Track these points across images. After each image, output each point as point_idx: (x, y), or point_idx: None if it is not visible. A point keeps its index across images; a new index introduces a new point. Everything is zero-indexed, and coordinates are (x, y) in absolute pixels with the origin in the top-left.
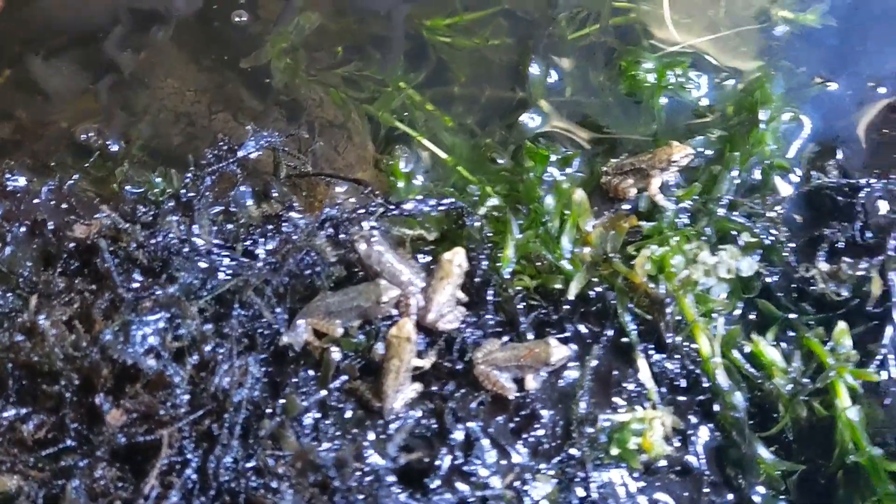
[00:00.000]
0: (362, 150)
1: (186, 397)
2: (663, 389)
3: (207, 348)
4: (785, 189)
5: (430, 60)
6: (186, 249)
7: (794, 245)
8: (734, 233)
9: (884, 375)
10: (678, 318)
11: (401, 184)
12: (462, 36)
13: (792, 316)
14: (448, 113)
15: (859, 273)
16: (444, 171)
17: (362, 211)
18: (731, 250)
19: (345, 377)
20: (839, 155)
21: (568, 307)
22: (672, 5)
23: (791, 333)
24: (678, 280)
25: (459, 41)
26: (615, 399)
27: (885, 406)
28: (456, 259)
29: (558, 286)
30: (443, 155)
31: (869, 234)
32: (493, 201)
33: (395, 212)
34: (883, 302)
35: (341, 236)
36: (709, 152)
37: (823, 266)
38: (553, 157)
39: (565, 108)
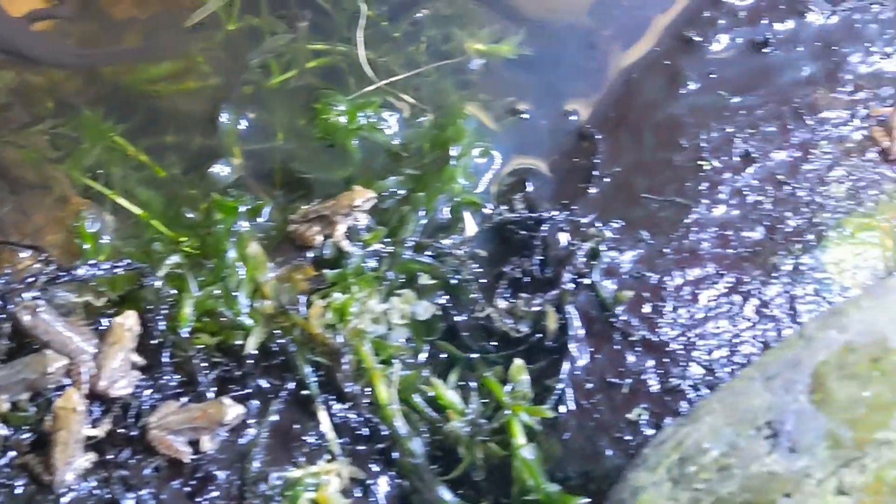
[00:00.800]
0: (59, 212)
1: None
2: (345, 440)
3: None
4: (472, 226)
5: (140, 111)
6: None
7: (484, 282)
8: (421, 274)
9: (562, 410)
10: (358, 366)
11: (87, 245)
12: (167, 83)
13: (475, 355)
14: (161, 163)
15: (536, 308)
16: (137, 227)
17: (31, 279)
18: (406, 295)
19: (14, 453)
20: (529, 187)
21: (251, 362)
22: (370, 44)
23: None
24: (349, 329)
25: (165, 88)
26: (296, 454)
27: (564, 440)
28: (127, 322)
29: (240, 342)
30: (137, 210)
31: (549, 268)
32: (175, 258)
33: (65, 278)
34: (561, 336)
35: (9, 307)
36: (402, 192)
37: (501, 303)
38: (243, 208)
39: (259, 155)
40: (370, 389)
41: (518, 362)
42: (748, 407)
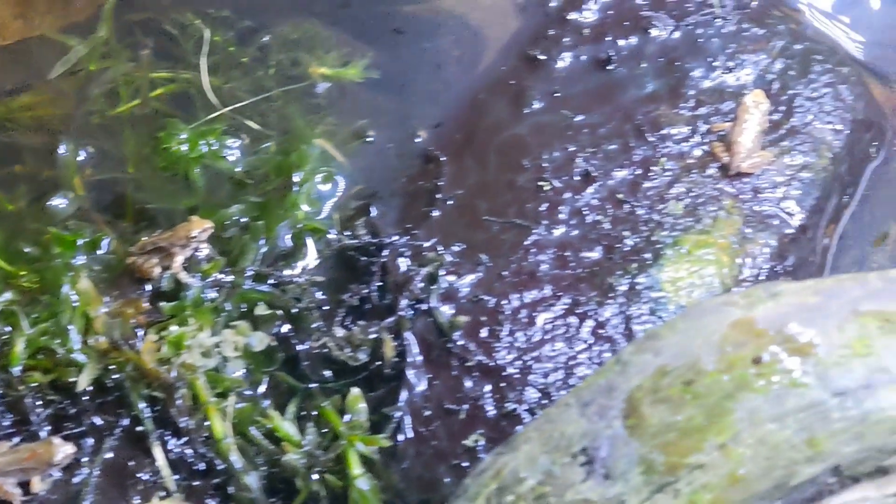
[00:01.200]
0: None
1: None
2: (181, 476)
3: None
4: (315, 253)
5: None
6: None
7: (327, 309)
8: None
9: (400, 438)
10: (194, 400)
11: None
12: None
13: (315, 385)
14: (9, 195)
15: (373, 336)
16: None
17: None
18: (240, 327)
19: None
20: (373, 212)
21: (86, 399)
22: (217, 70)
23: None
24: (179, 363)
25: (16, 118)
26: (130, 492)
27: (402, 469)
28: None
29: (74, 379)
30: None
31: (388, 295)
32: (7, 295)
33: None
34: (399, 363)
35: None
36: (246, 220)
37: (339, 332)
38: (81, 241)
39: (105, 186)
40: (207, 423)
41: (355, 392)
42: (564, 434)
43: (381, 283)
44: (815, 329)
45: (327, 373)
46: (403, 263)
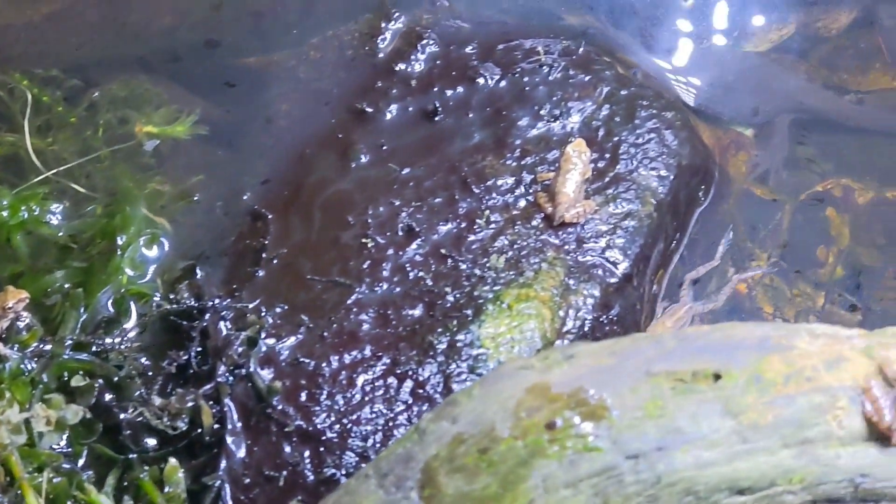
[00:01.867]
0: None
1: None
2: None
3: None
4: (138, 319)
5: None
6: None
7: (150, 376)
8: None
9: None
10: (10, 477)
11: None
12: None
13: (134, 455)
14: None
15: (191, 404)
16: None
17: None
18: (53, 400)
19: None
20: (199, 274)
21: None
22: (44, 131)
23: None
24: None
25: None
26: None
27: None
28: None
29: None
30: None
31: (208, 360)
32: None
33: None
34: (219, 430)
35: None
36: (69, 286)
37: (157, 400)
38: None
39: None
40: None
41: (172, 462)
42: None
43: (200, 349)
44: (609, 392)
45: (151, 441)
46: (224, 327)
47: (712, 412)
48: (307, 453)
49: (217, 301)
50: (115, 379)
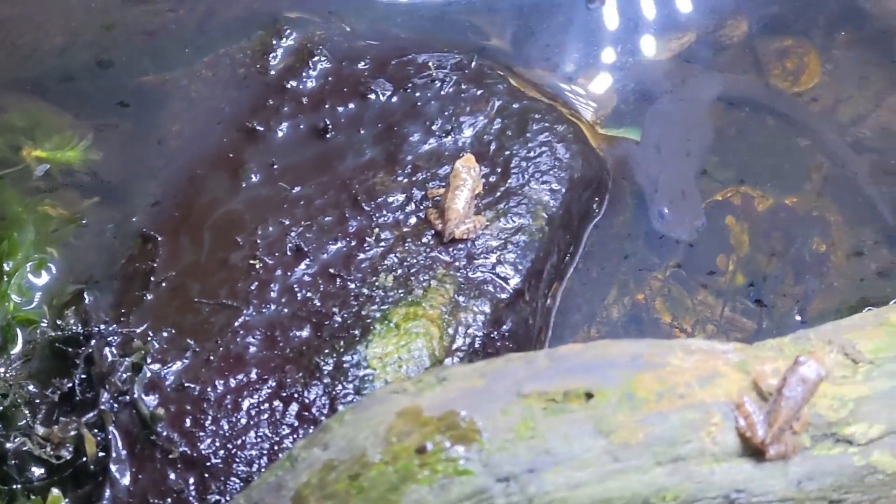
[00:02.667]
0: None
1: None
2: None
3: None
4: (23, 346)
5: None
6: None
7: (37, 404)
8: None
9: None
10: None
11: None
12: None
13: (18, 486)
14: None
15: (74, 432)
16: None
17: None
18: None
19: None
20: (87, 299)
21: None
22: None
23: None
24: None
25: None
26: None
27: None
28: None
29: None
30: None
31: (93, 387)
32: None
33: None
34: (104, 458)
35: None
36: None
37: (39, 429)
38: None
39: None
40: None
41: (55, 493)
42: None
43: (85, 376)
44: (480, 414)
45: (38, 471)
46: (110, 353)
47: (584, 432)
48: (192, 480)
49: (104, 326)
50: (1, 408)
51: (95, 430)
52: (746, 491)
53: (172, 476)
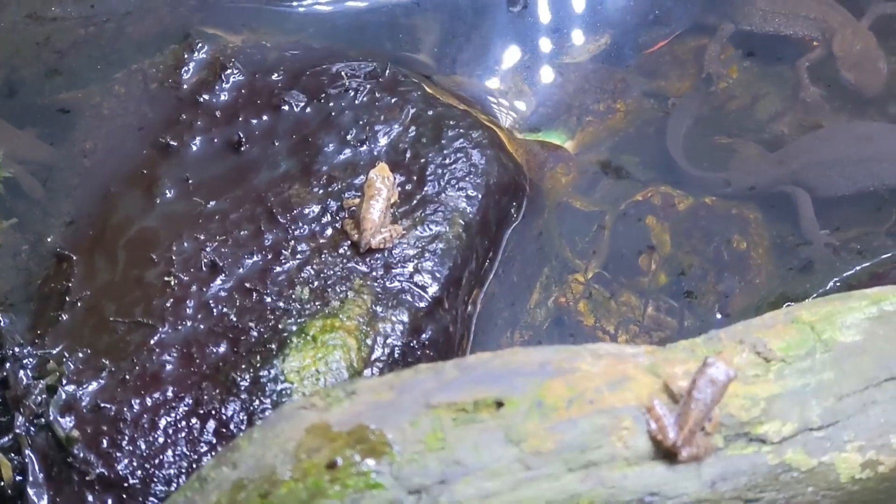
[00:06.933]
0: None
1: None
2: None
3: None
4: None
5: None
6: None
7: None
8: None
9: None
10: None
11: None
12: None
13: None
14: None
15: None
16: None
17: None
18: None
19: None
20: (2, 321)
21: None
22: None
23: None
24: None
25: None
26: None
27: None
28: None
29: None
30: None
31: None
32: None
33: None
34: (22, 483)
35: None
36: None
37: None
38: None
39: None
40: None
41: None
42: None
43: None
44: (389, 426)
45: None
46: (24, 376)
47: (494, 441)
48: (110, 501)
49: (18, 349)
50: None
51: (11, 455)
52: (660, 494)
53: (90, 498)
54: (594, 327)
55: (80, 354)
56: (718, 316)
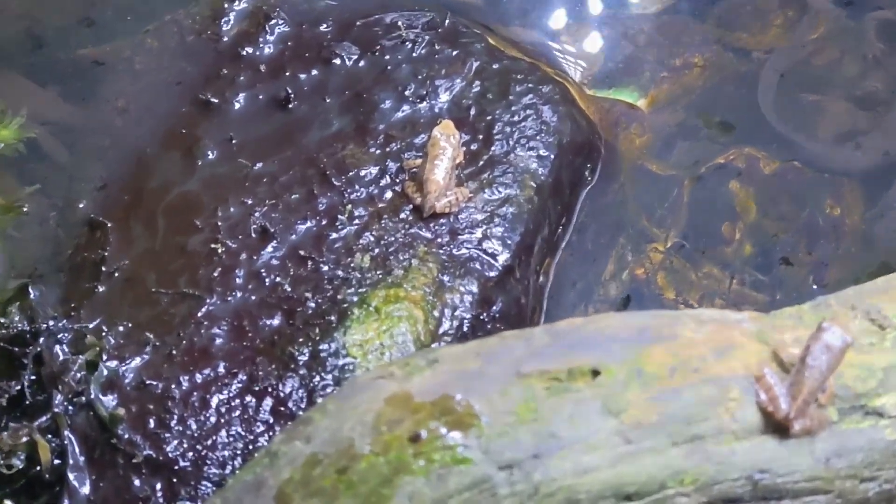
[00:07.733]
0: None
1: None
2: None
3: None
4: None
5: None
6: None
7: None
8: None
9: None
10: None
11: None
12: None
13: None
14: None
15: (26, 439)
16: None
17: None
18: None
19: None
20: (32, 293)
21: None
22: None
23: None
24: None
25: None
26: None
27: None
28: None
29: None
30: None
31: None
32: None
33: None
34: (61, 466)
35: None
36: None
37: None
38: None
39: None
40: None
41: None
42: None
43: (34, 377)
44: (477, 397)
45: None
46: (60, 351)
47: (591, 412)
48: (159, 486)
49: (52, 323)
50: None
51: (49, 436)
52: (770, 471)
53: (137, 482)
54: (675, 301)
55: (121, 328)
56: (814, 287)
